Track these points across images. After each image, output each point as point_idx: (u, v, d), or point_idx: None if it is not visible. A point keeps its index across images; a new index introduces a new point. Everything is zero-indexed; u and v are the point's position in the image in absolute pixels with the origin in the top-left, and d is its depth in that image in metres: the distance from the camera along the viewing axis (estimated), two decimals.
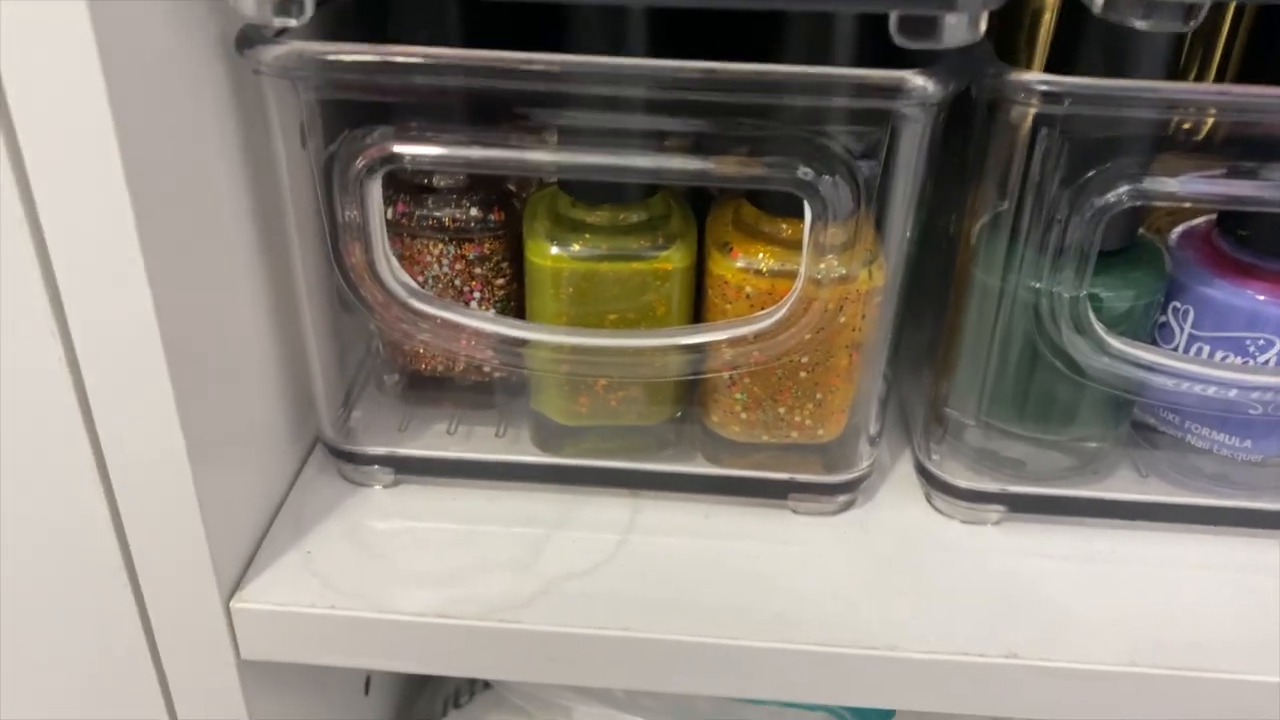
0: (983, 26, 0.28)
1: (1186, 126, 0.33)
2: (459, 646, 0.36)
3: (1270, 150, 0.33)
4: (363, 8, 0.35)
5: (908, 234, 0.35)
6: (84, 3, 0.26)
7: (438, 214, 0.39)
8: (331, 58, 0.31)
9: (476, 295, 0.40)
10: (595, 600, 0.36)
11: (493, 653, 0.36)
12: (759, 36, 0.33)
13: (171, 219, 0.31)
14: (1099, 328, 0.35)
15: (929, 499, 0.41)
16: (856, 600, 0.37)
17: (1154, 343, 0.38)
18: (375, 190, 0.34)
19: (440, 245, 0.39)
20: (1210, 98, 0.32)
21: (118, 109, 0.27)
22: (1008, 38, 0.39)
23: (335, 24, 0.34)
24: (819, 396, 0.38)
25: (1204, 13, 0.30)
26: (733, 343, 0.36)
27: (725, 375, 0.38)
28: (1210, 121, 0.33)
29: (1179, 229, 0.39)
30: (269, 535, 0.39)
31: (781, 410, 0.39)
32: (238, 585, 0.37)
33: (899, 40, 0.28)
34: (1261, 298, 0.36)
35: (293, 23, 0.29)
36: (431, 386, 0.43)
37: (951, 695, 0.35)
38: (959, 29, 0.28)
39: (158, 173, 0.30)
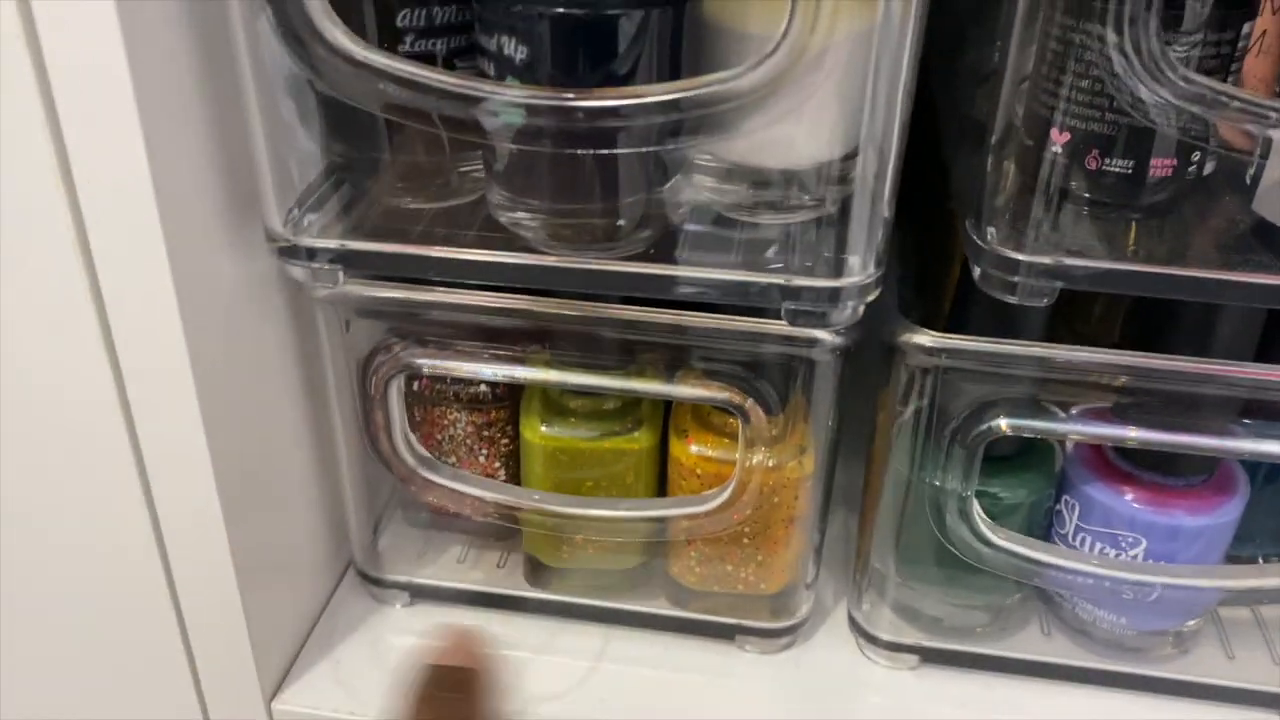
0: (861, 312, 0.36)
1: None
2: None
3: (1140, 396, 0.40)
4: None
5: (829, 428, 0.42)
6: (166, 260, 0.35)
7: (454, 388, 0.47)
8: (365, 294, 0.40)
9: (484, 452, 0.48)
10: None
11: None
12: None
13: (233, 401, 0.40)
14: (982, 524, 0.42)
15: (859, 645, 0.48)
16: None
17: (1049, 528, 0.45)
18: (397, 386, 0.43)
19: (455, 412, 0.47)
20: (1067, 358, 0.38)
21: (190, 329, 0.36)
22: (932, 283, 0.46)
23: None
24: (760, 558, 0.46)
25: (1056, 294, 0.37)
26: (687, 518, 0.44)
27: (683, 537, 0.46)
28: None
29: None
30: (307, 645, 0.48)
31: (729, 567, 0.46)
32: (279, 688, 0.46)
33: (792, 325, 0.35)
34: (1136, 505, 0.42)
35: (330, 286, 0.38)
36: (446, 519, 0.51)
37: None
38: (842, 315, 0.35)
39: (222, 366, 0.39)
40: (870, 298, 0.35)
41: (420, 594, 0.49)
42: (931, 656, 0.47)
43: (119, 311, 0.36)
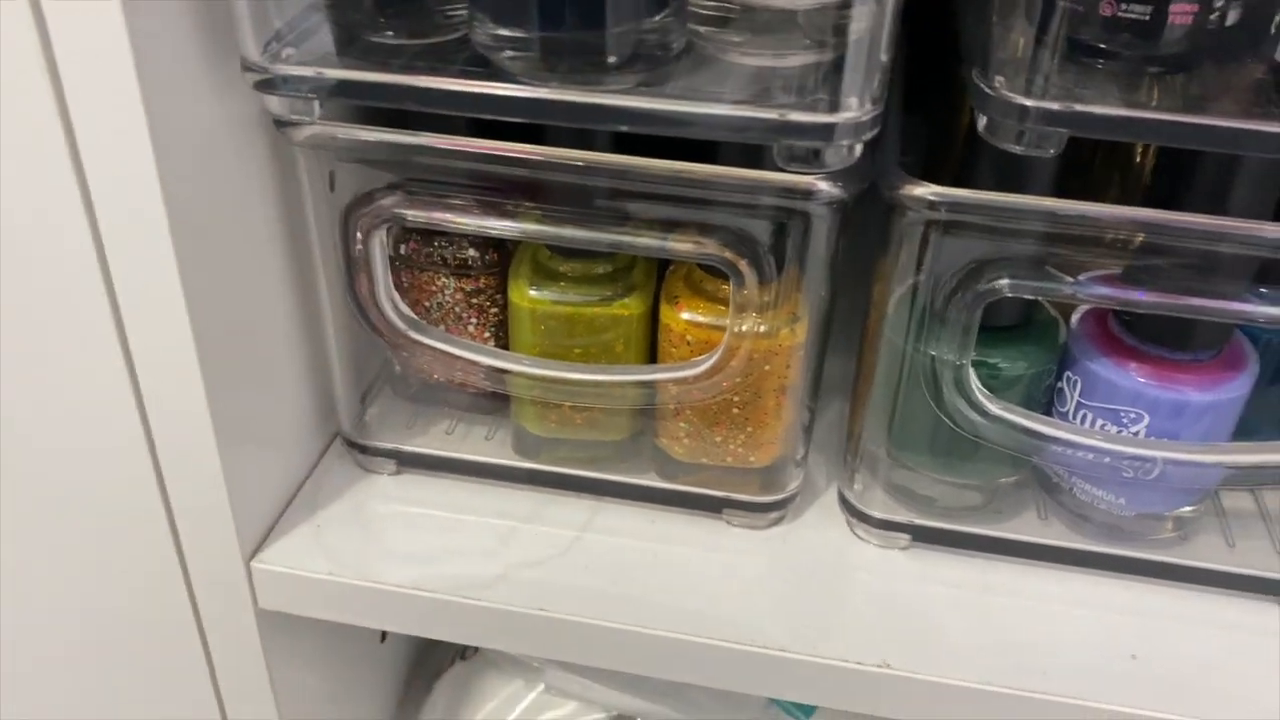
0: (858, 151, 0.34)
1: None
2: (430, 615, 0.44)
3: (1152, 258, 0.38)
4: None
5: (824, 296, 0.41)
6: (138, 94, 0.34)
7: (442, 252, 0.46)
8: (348, 137, 0.39)
9: (473, 321, 0.47)
10: (545, 586, 0.44)
11: (456, 623, 0.44)
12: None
13: (211, 254, 0.39)
14: (979, 393, 0.41)
15: (849, 524, 0.47)
16: (765, 605, 0.43)
17: (1050, 405, 0.44)
18: (380, 239, 0.41)
19: (443, 278, 0.46)
20: (1076, 211, 0.37)
21: (165, 172, 0.35)
22: (938, 147, 0.44)
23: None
24: (750, 429, 0.45)
25: (1064, 143, 0.35)
26: (675, 382, 0.43)
27: (670, 405, 0.45)
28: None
29: (1081, 308, 0.44)
30: (289, 509, 0.47)
31: (718, 439, 0.45)
32: (258, 548, 0.45)
33: (782, 165, 0.34)
34: (1140, 379, 0.41)
35: (308, 119, 0.37)
36: (436, 391, 0.50)
37: (824, 694, 0.41)
38: (838, 155, 0.34)
39: (199, 216, 0.38)
40: (866, 136, 0.34)
41: (407, 462, 0.49)
42: (924, 536, 0.46)
43: (92, 149, 0.35)
